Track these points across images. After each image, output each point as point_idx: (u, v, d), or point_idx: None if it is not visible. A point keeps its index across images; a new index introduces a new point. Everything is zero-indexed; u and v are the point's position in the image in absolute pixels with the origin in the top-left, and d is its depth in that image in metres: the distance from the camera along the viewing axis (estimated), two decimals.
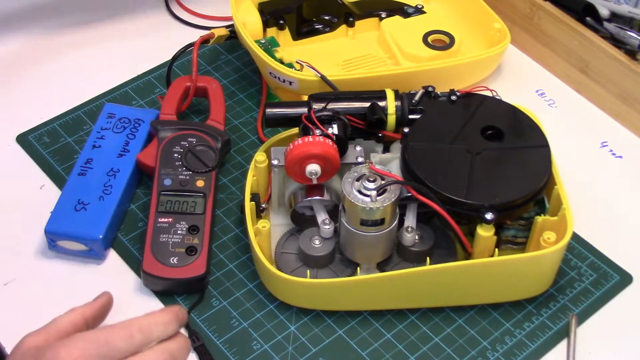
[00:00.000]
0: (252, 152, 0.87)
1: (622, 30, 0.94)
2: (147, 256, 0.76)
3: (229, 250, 0.80)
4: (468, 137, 0.77)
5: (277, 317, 0.76)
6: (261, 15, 0.95)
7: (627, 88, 0.91)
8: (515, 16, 1.00)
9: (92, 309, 0.67)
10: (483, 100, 0.81)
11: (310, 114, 0.77)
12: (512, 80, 0.98)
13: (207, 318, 0.75)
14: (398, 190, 0.72)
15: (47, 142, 0.89)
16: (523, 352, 0.74)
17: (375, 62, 0.95)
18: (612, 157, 0.91)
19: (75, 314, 0.65)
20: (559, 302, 0.77)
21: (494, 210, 0.71)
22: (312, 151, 0.74)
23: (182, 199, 0.80)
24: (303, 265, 0.76)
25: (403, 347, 0.74)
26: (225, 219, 0.83)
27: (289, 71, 0.87)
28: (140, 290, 0.77)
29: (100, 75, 0.96)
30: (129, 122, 0.87)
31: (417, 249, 0.75)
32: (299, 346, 0.74)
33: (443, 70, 0.91)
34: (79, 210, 0.79)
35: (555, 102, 0.96)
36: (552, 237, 0.73)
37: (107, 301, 0.69)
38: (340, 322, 0.76)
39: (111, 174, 0.82)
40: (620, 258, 0.81)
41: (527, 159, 0.76)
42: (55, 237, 0.78)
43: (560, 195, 0.75)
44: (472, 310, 0.77)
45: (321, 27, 0.98)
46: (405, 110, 0.79)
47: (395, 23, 0.97)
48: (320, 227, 0.75)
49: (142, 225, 0.82)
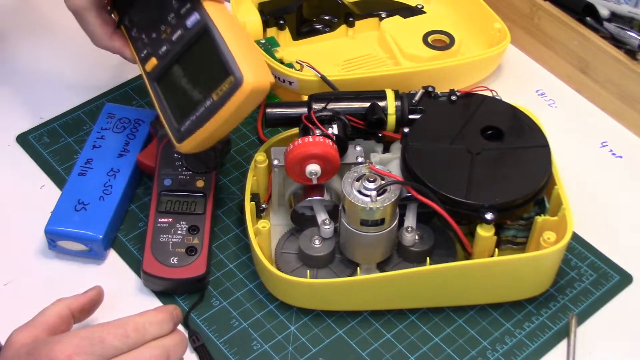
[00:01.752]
0: (252, 152, 0.87)
1: (622, 30, 0.94)
2: (147, 256, 0.76)
3: (229, 250, 0.81)
4: (468, 137, 0.77)
5: (277, 317, 0.76)
6: (261, 15, 0.95)
7: (627, 88, 0.91)
8: (515, 16, 1.00)
9: (78, 302, 0.67)
10: (483, 100, 0.81)
11: (310, 114, 0.77)
12: (512, 80, 0.98)
13: (207, 318, 0.75)
14: (398, 190, 0.72)
15: (47, 142, 0.89)
16: (523, 352, 0.74)
17: (375, 62, 0.95)
18: (612, 157, 0.91)
19: (61, 305, 0.66)
20: (559, 302, 0.77)
21: (494, 211, 0.71)
22: (312, 151, 0.74)
23: (182, 199, 0.80)
24: (303, 265, 0.76)
25: (403, 347, 0.74)
26: (225, 219, 0.83)
27: (289, 71, 0.87)
28: (140, 290, 0.77)
29: (100, 75, 0.96)
30: (129, 122, 0.87)
31: (417, 249, 0.75)
32: (299, 346, 0.74)
33: (443, 70, 0.91)
34: (79, 210, 0.79)
35: (555, 102, 0.96)
36: (552, 237, 0.73)
37: (97, 296, 0.70)
38: (340, 322, 0.76)
39: (111, 174, 0.82)
40: (620, 258, 0.81)
41: (527, 159, 0.76)
42: (55, 237, 0.78)
43: (560, 195, 0.75)
44: (472, 310, 0.77)
45: (321, 27, 0.98)
46: (405, 110, 0.79)
47: (395, 23, 0.97)
48: (320, 227, 0.75)
49: (142, 225, 0.82)
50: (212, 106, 0.71)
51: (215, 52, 0.72)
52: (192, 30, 0.74)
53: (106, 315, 0.70)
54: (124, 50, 0.81)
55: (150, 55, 0.77)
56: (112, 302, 0.73)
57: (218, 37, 0.72)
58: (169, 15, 0.76)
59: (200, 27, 0.74)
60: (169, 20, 0.76)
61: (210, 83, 0.72)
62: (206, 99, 0.72)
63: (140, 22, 0.79)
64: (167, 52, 0.76)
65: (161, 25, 0.77)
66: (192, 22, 0.74)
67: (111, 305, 0.73)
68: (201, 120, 0.72)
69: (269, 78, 0.72)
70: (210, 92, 0.71)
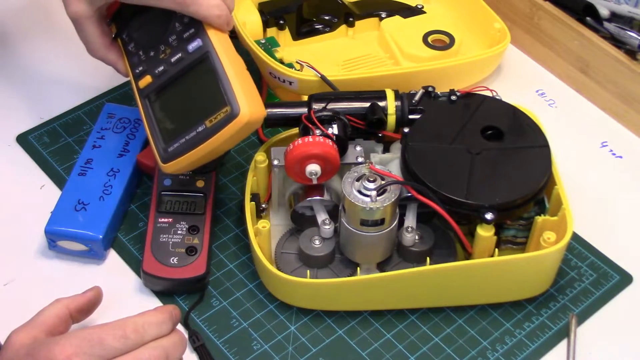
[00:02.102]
0: (252, 152, 0.87)
1: (622, 30, 0.94)
2: (147, 256, 0.76)
3: (229, 250, 0.81)
4: (468, 137, 0.77)
5: (277, 317, 0.76)
6: (261, 15, 0.95)
7: (627, 88, 0.91)
8: (515, 16, 1.00)
9: (77, 302, 0.67)
10: (483, 100, 0.81)
11: (310, 114, 0.77)
12: (512, 80, 0.98)
13: (207, 318, 0.75)
14: (398, 190, 0.72)
15: (47, 142, 0.89)
16: (523, 352, 0.74)
17: (375, 62, 0.95)
18: (612, 157, 0.91)
19: (60, 306, 0.66)
20: (559, 302, 0.77)
21: (494, 210, 0.71)
22: (312, 151, 0.74)
23: (182, 199, 0.80)
24: (303, 265, 0.76)
25: (403, 347, 0.74)
26: (225, 219, 0.83)
27: (289, 71, 0.87)
28: (140, 290, 0.77)
29: (100, 75, 0.96)
30: (129, 122, 0.87)
31: (417, 249, 0.75)
32: (299, 346, 0.74)
33: (443, 70, 0.91)
34: (79, 210, 0.79)
35: (555, 102, 0.96)
36: (552, 237, 0.73)
37: (95, 296, 0.70)
38: (340, 322, 0.76)
39: (111, 174, 0.82)
40: (620, 258, 0.81)
41: (527, 159, 0.76)
42: (55, 237, 0.78)
43: (560, 195, 0.75)
44: (472, 310, 0.77)
45: (321, 27, 0.98)
46: (405, 110, 0.79)
47: (395, 23, 0.97)
48: (320, 227, 0.75)
49: (142, 225, 0.82)
50: (203, 132, 0.72)
51: (214, 80, 0.72)
52: (193, 55, 0.74)
53: (106, 315, 0.70)
54: (117, 63, 0.81)
55: (145, 72, 0.77)
56: (112, 302, 0.73)
57: (219, 65, 0.73)
58: (171, 37, 0.76)
59: (202, 53, 0.74)
60: (169, 41, 0.76)
61: (204, 109, 0.72)
62: (198, 124, 0.72)
63: (139, 38, 0.79)
64: (163, 72, 0.76)
65: (161, 45, 0.77)
66: (194, 47, 0.74)
67: (111, 305, 0.73)
68: (190, 145, 0.72)
69: (262, 112, 0.73)
70: (204, 119, 0.72)
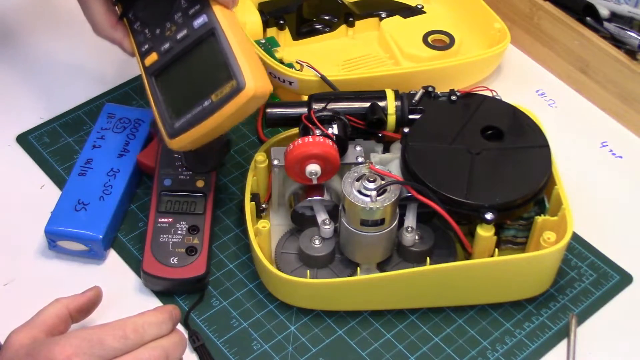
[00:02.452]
0: (252, 152, 0.87)
1: (622, 30, 0.94)
2: (147, 256, 0.76)
3: (229, 250, 0.81)
4: (468, 137, 0.77)
5: (277, 317, 0.76)
6: (261, 15, 0.95)
7: (627, 88, 0.91)
8: (515, 16, 1.00)
9: (76, 302, 0.67)
10: (483, 100, 0.81)
11: (310, 114, 0.77)
12: (512, 80, 0.98)
13: (207, 318, 0.75)
14: (398, 190, 0.72)
15: (47, 142, 0.89)
16: (523, 352, 0.74)
17: (375, 62, 0.95)
18: (612, 157, 0.91)
19: (60, 306, 0.66)
20: (559, 302, 0.77)
21: (494, 210, 0.71)
22: (312, 151, 0.74)
23: (182, 199, 0.80)
24: (303, 265, 0.76)
25: (403, 347, 0.74)
26: (225, 219, 0.83)
27: (289, 71, 0.87)
28: (140, 290, 0.77)
29: (100, 75, 0.96)
30: (129, 122, 0.87)
31: (417, 249, 0.75)
32: (299, 346, 0.74)
33: (443, 70, 0.91)
34: (79, 210, 0.79)
35: (555, 102, 0.96)
36: (552, 237, 0.73)
37: (95, 296, 0.70)
38: (340, 322, 0.76)
39: (111, 174, 0.82)
40: (620, 258, 0.81)
41: (527, 159, 0.76)
42: (55, 237, 0.78)
43: (560, 195, 0.75)
44: (472, 310, 0.77)
45: (321, 27, 0.98)
46: (405, 110, 0.79)
47: (395, 23, 0.97)
48: (320, 227, 0.75)
49: (142, 225, 0.82)
50: (209, 107, 0.72)
51: (220, 55, 0.72)
52: (199, 32, 0.75)
53: (106, 315, 0.70)
54: (124, 42, 0.81)
55: (152, 50, 0.77)
56: (112, 302, 0.73)
57: (224, 41, 0.73)
58: (176, 14, 0.77)
59: (207, 29, 0.74)
60: (175, 18, 0.76)
61: (210, 84, 0.72)
62: (205, 99, 0.72)
63: (145, 17, 0.79)
64: (169, 49, 0.76)
65: (166, 22, 0.77)
66: (200, 23, 0.75)
67: (111, 305, 0.73)
68: (197, 120, 0.72)
69: (268, 86, 0.73)
70: (210, 93, 0.72)
